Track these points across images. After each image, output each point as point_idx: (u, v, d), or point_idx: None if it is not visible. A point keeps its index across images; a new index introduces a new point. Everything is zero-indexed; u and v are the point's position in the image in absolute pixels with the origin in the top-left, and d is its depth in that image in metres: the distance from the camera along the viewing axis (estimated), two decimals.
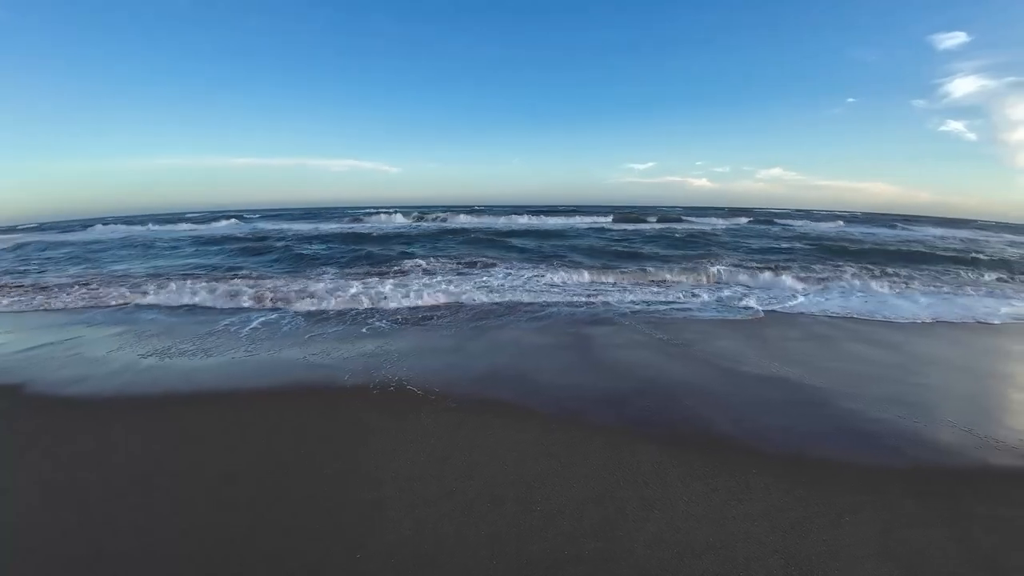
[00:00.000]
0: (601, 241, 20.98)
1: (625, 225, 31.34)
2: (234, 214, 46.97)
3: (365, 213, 41.75)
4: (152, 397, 4.92)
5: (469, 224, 30.84)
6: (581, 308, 8.71)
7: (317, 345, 6.53)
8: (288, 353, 6.22)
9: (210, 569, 2.64)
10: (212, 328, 7.43)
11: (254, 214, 52.97)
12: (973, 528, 2.96)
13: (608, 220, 35.74)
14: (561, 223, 32.86)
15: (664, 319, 7.97)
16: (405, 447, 3.87)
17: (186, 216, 50.62)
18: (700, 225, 32.07)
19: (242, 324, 7.64)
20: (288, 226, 31.56)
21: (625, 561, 2.66)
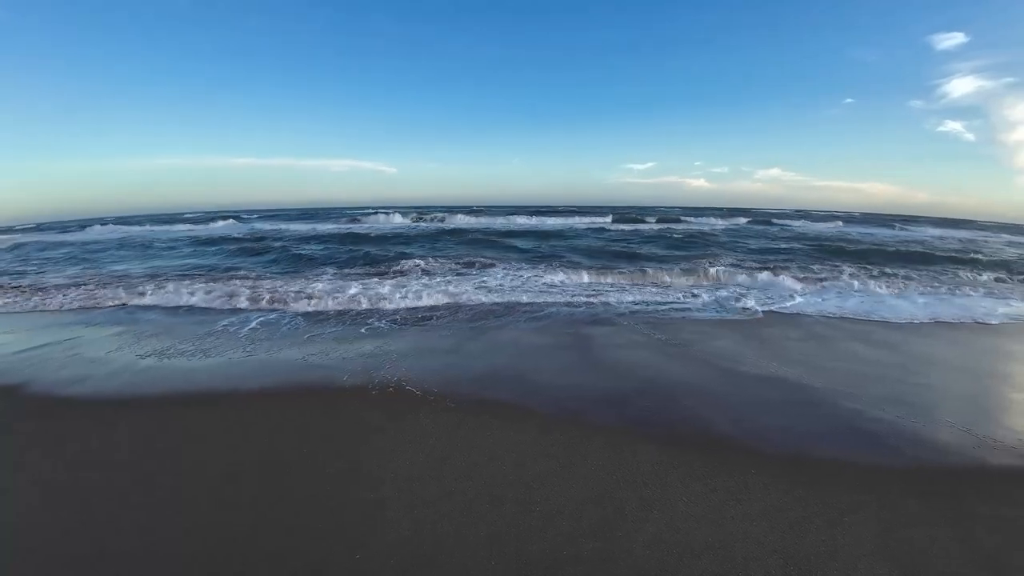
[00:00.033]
0: (600, 241, 21.01)
1: (624, 225, 31.39)
2: (231, 214, 46.92)
3: (363, 213, 41.74)
4: (153, 397, 4.92)
5: (468, 224, 30.84)
6: (580, 308, 8.72)
7: (316, 345, 6.53)
8: (288, 353, 6.22)
9: (213, 568, 2.65)
10: (211, 328, 7.43)
11: (252, 214, 52.97)
12: (973, 528, 2.97)
13: (607, 220, 35.77)
14: (560, 223, 32.91)
15: (663, 319, 7.98)
16: (404, 447, 3.88)
17: (184, 216, 50.61)
18: (699, 225, 32.15)
19: (241, 324, 7.64)
20: (285, 226, 31.51)
21: (624, 561, 2.67)
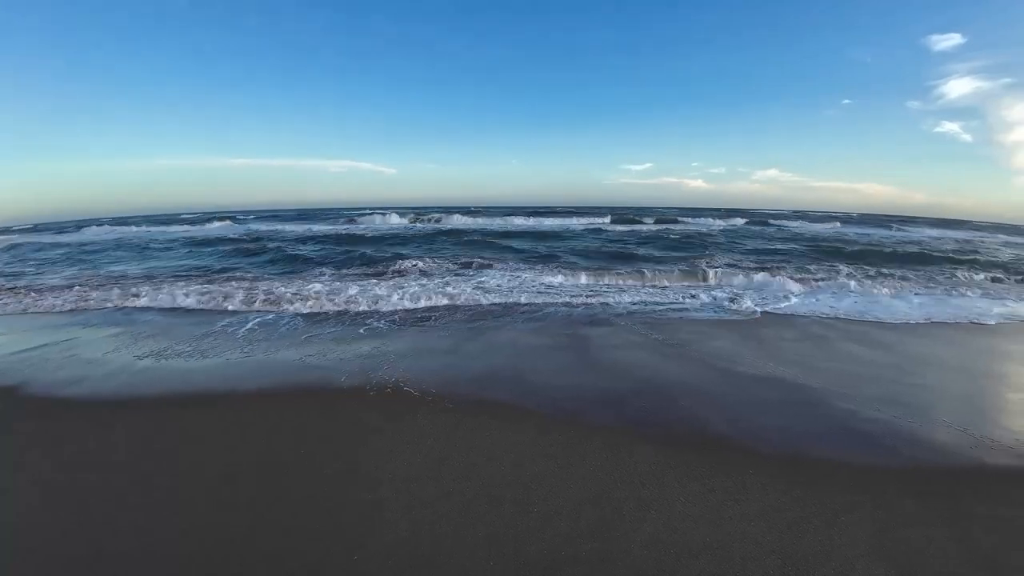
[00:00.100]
0: (598, 242, 21.05)
1: (622, 226, 31.48)
2: (228, 215, 46.82)
3: (360, 214, 41.70)
4: (150, 398, 4.91)
5: (465, 225, 30.86)
6: (578, 309, 8.73)
7: (314, 346, 6.52)
8: (285, 354, 6.22)
9: (210, 569, 2.64)
10: (209, 329, 7.42)
11: (248, 215, 52.97)
12: (970, 528, 2.98)
13: (606, 221, 35.85)
14: (558, 224, 32.96)
15: (660, 320, 8.00)
16: (402, 448, 3.88)
17: (181, 217, 50.51)
18: (696, 226, 32.23)
19: (239, 325, 7.63)
20: (281, 227, 31.48)
21: (622, 561, 2.67)
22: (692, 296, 9.92)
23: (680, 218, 39.77)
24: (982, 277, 13.02)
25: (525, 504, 3.17)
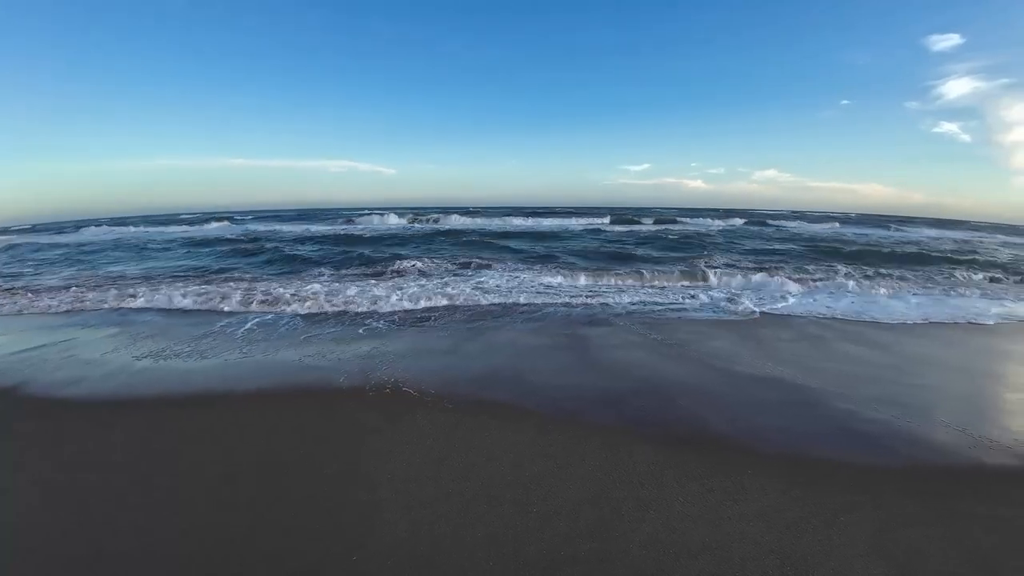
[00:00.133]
0: (597, 242, 21.06)
1: (621, 226, 31.50)
2: (226, 216, 46.79)
3: (358, 214, 41.63)
4: (149, 398, 4.91)
5: (464, 226, 30.85)
6: (577, 309, 8.74)
7: (313, 347, 6.52)
8: (284, 355, 6.21)
9: (210, 569, 2.64)
10: (208, 330, 7.41)
11: (246, 215, 52.97)
12: (970, 528, 2.98)
13: (605, 221, 35.88)
14: (557, 224, 32.95)
15: (659, 320, 8.01)
16: (401, 448, 3.88)
17: (180, 217, 50.46)
18: (695, 226, 32.27)
19: (238, 325, 7.62)
20: (280, 227, 31.42)
21: (621, 561, 2.68)
22: (691, 296, 9.93)
23: (679, 218, 39.82)
24: (980, 277, 13.05)
25: (524, 504, 3.17)
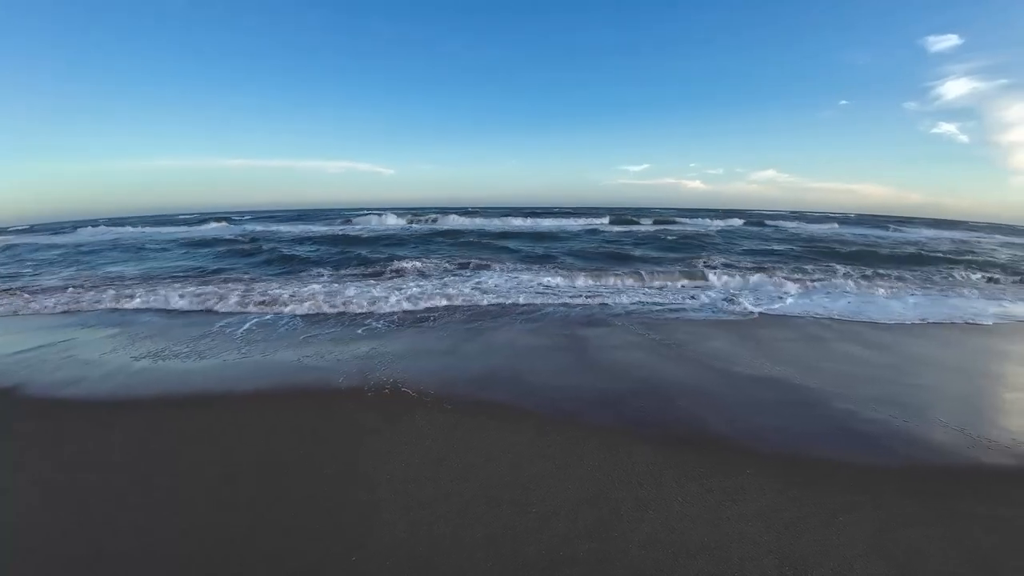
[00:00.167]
0: (595, 243, 21.07)
1: (620, 227, 31.50)
2: (223, 216, 46.74)
3: (356, 214, 41.58)
4: (148, 399, 4.90)
5: (462, 226, 30.85)
6: (576, 309, 8.74)
7: (312, 347, 6.52)
8: (283, 355, 6.21)
9: (210, 569, 2.64)
10: (207, 330, 7.40)
11: (244, 215, 53.00)
12: (970, 528, 2.99)
13: (603, 221, 35.88)
14: (556, 225, 32.92)
15: (658, 320, 8.01)
16: (400, 449, 3.88)
17: (178, 218, 50.41)
18: (694, 227, 32.30)
19: (236, 326, 7.62)
20: (278, 228, 31.36)
21: (620, 562, 2.68)
22: (690, 297, 9.94)
23: (678, 219, 39.83)
24: (978, 277, 13.08)
25: (523, 505, 3.17)
